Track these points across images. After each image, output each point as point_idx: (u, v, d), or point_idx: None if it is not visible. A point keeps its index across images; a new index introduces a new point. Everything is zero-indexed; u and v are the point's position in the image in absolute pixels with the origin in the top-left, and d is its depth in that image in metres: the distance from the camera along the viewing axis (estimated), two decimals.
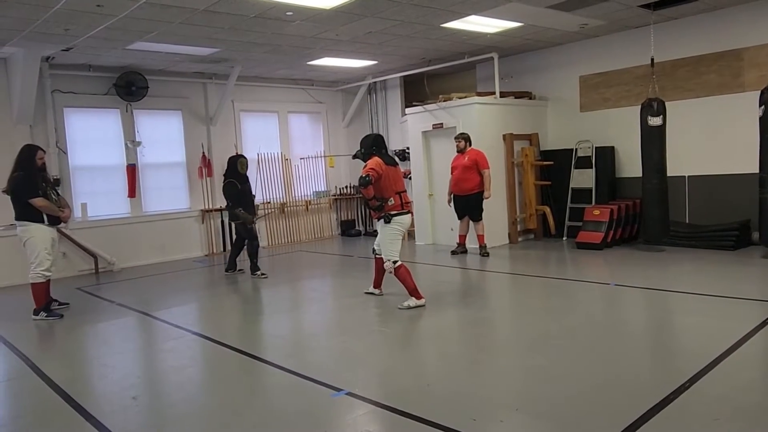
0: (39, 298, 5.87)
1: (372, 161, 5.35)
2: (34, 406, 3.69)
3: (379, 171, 5.27)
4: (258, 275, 7.44)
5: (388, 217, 5.34)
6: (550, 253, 8.20)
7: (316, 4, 6.14)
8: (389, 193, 5.36)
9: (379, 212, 5.38)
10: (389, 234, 5.40)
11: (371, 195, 5.29)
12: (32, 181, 5.74)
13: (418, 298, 5.41)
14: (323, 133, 11.68)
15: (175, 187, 9.78)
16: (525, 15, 7.14)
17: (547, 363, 3.85)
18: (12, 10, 5.75)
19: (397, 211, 5.39)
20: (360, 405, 3.35)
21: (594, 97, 8.95)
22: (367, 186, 5.21)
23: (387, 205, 5.35)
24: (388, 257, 5.42)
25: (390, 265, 5.41)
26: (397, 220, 5.37)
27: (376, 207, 5.36)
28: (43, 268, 5.80)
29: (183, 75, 9.63)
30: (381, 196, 5.33)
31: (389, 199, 5.36)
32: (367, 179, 5.18)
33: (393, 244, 5.41)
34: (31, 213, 5.72)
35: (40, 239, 5.78)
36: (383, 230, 5.43)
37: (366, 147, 5.52)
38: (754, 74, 7.31)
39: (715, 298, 5.20)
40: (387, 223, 5.35)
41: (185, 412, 3.48)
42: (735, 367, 3.57)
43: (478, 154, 7.93)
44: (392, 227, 5.37)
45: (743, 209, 7.40)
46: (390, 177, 5.37)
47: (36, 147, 5.98)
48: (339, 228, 11.76)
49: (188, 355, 4.60)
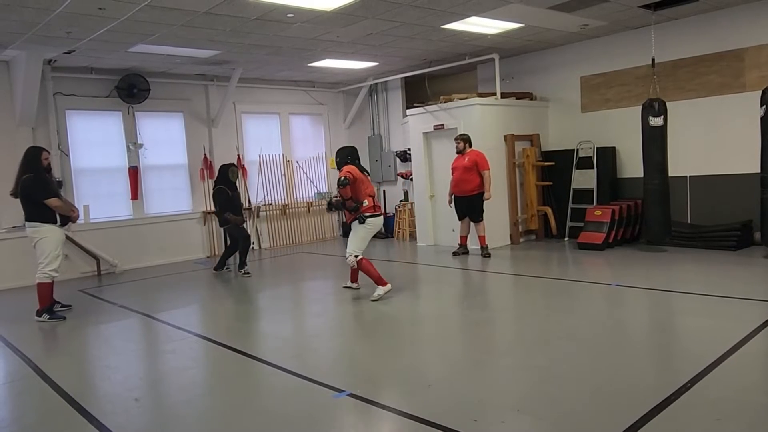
0: (44, 299, 5.88)
1: (346, 167, 6.01)
2: (37, 407, 3.70)
3: (354, 175, 5.90)
4: (243, 273, 7.78)
5: (363, 217, 5.93)
6: (552, 253, 8.20)
7: (317, 6, 6.15)
8: (363, 195, 5.96)
9: (355, 213, 5.96)
10: (361, 232, 5.97)
11: (349, 195, 5.90)
12: (45, 181, 5.76)
13: (384, 285, 5.89)
14: (324, 134, 11.70)
15: (177, 189, 9.80)
16: (526, 16, 7.14)
17: (549, 364, 3.85)
18: (14, 14, 5.77)
19: (370, 213, 5.98)
20: (362, 406, 3.36)
21: (595, 97, 8.95)
22: (345, 186, 5.83)
23: (362, 206, 5.94)
24: (352, 252, 5.99)
25: (352, 259, 6.00)
26: (370, 221, 5.97)
27: (352, 208, 5.96)
28: (52, 268, 5.81)
29: (184, 77, 9.65)
30: (357, 198, 5.93)
31: (363, 201, 5.94)
32: (345, 180, 5.83)
33: (361, 241, 6.00)
34: (44, 214, 5.72)
35: (52, 240, 5.79)
36: (356, 229, 5.98)
37: (342, 157, 6.19)
38: (755, 74, 7.31)
39: (716, 298, 5.20)
40: (361, 223, 5.93)
41: (187, 413, 3.49)
42: (737, 368, 3.56)
43: (478, 155, 7.93)
44: (365, 227, 5.95)
45: (745, 209, 7.39)
46: (363, 182, 6.01)
47: (41, 148, 5.99)
48: (340, 229, 11.76)
49: (190, 356, 4.61)
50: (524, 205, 9.11)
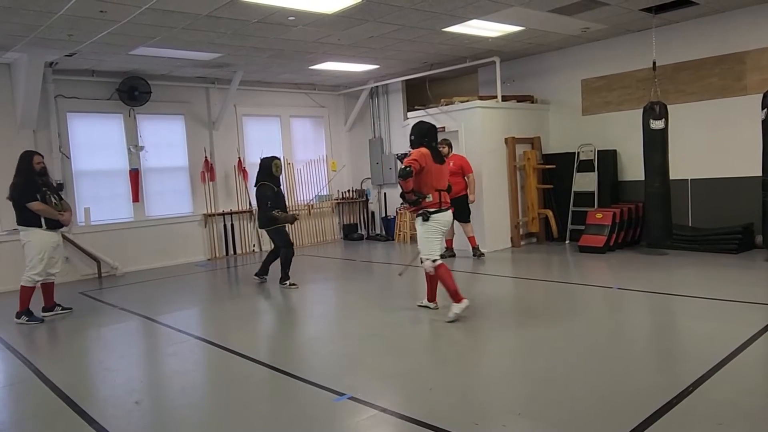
0: (24, 301, 5.93)
1: (417, 152, 4.99)
2: (37, 410, 3.70)
3: (421, 163, 4.91)
4: (287, 285, 7.00)
5: (426, 214, 4.99)
6: (553, 256, 8.19)
7: (318, 8, 6.16)
8: (428, 189, 4.99)
9: (416, 207, 5.04)
10: (428, 232, 5.05)
11: (410, 188, 4.92)
12: (29, 185, 5.82)
13: (460, 301, 5.01)
14: (325, 137, 11.70)
15: (178, 192, 9.80)
16: (527, 19, 7.15)
17: (550, 367, 3.84)
18: (16, 16, 5.78)
19: (435, 208, 5.02)
20: (362, 409, 3.35)
21: (596, 100, 8.95)
22: (407, 178, 4.84)
23: (424, 201, 4.99)
24: (426, 256, 5.07)
25: (430, 264, 5.05)
26: (435, 218, 5.02)
27: (412, 201, 4.99)
28: (35, 272, 5.87)
29: (185, 80, 9.66)
30: (419, 191, 4.97)
31: (427, 196, 4.99)
32: (408, 171, 4.81)
33: (431, 242, 5.07)
34: (30, 218, 5.80)
35: (37, 244, 5.85)
36: (421, 228, 5.08)
37: (417, 135, 5.13)
38: (756, 77, 7.31)
39: (718, 301, 5.19)
40: (425, 220, 5.01)
41: (188, 416, 3.48)
42: (739, 371, 3.56)
43: (463, 159, 8.01)
44: (431, 225, 5.02)
45: (746, 212, 7.38)
46: (432, 173, 5.00)
47: (33, 152, 6.05)
48: (341, 232, 11.76)
49: (191, 359, 4.60)
50: (525, 208, 9.11)
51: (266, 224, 7.03)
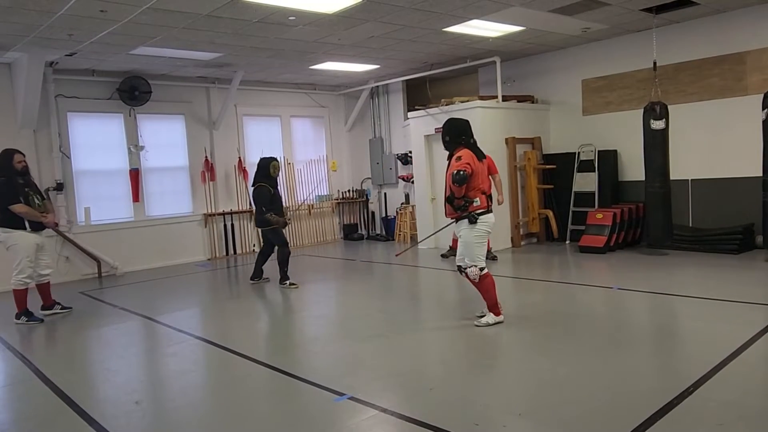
0: (20, 303, 5.91)
1: (465, 154, 4.62)
2: (37, 410, 3.69)
3: (472, 166, 4.57)
4: (287, 285, 7.02)
5: (474, 217, 4.60)
6: (553, 256, 8.19)
7: (318, 8, 6.16)
8: (476, 192, 4.64)
9: (462, 211, 4.65)
10: (475, 236, 4.67)
11: (462, 194, 4.57)
12: (11, 186, 5.71)
13: (497, 314, 4.78)
14: (326, 137, 11.70)
15: (178, 192, 9.80)
16: (527, 19, 7.15)
17: (551, 368, 3.83)
18: (16, 16, 5.78)
19: (482, 210, 4.67)
20: (362, 409, 3.35)
21: (596, 100, 8.95)
22: (463, 184, 4.49)
23: (472, 205, 4.64)
24: (474, 262, 4.68)
25: (476, 271, 4.66)
26: (483, 220, 4.65)
27: (460, 206, 4.62)
28: (24, 275, 5.84)
29: (186, 79, 9.66)
30: (468, 196, 4.62)
31: (474, 200, 4.63)
32: (463, 175, 4.44)
33: (479, 247, 4.70)
34: (13, 219, 5.72)
35: (23, 246, 5.79)
36: (468, 232, 4.68)
37: (452, 135, 4.75)
38: (756, 78, 7.31)
39: (718, 302, 5.19)
40: (472, 223, 4.61)
41: (188, 416, 3.48)
42: (739, 372, 3.55)
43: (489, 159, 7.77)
44: (479, 228, 4.65)
45: (747, 213, 7.38)
46: (479, 174, 4.65)
47: (13, 150, 5.90)
48: (341, 232, 11.76)
49: (191, 359, 4.60)
50: (525, 208, 9.11)
51: (262, 224, 7.10)
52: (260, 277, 7.47)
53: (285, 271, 7.10)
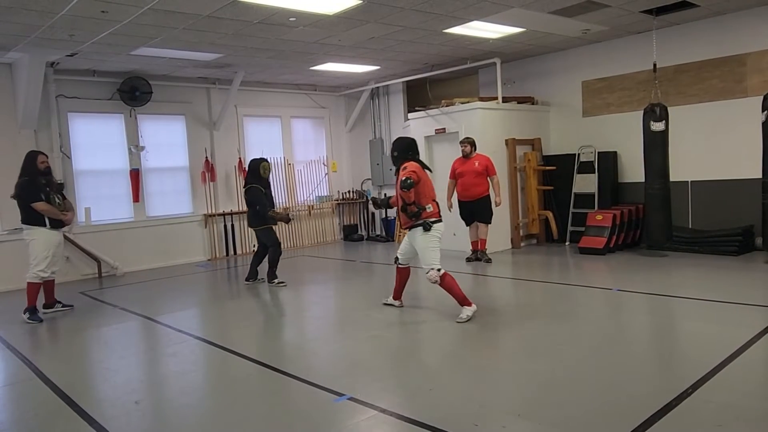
0: (31, 298, 6.02)
1: (411, 164, 5.17)
2: (37, 410, 3.70)
3: (419, 175, 5.09)
4: (275, 283, 7.17)
5: (428, 224, 5.08)
6: (553, 258, 8.19)
7: (319, 9, 6.17)
8: (426, 200, 5.13)
9: (416, 219, 5.11)
10: (430, 242, 5.11)
11: (412, 199, 5.04)
12: (35, 185, 5.94)
13: (469, 305, 5.12)
14: (326, 138, 11.71)
15: (179, 192, 9.81)
16: (527, 20, 7.16)
17: (550, 368, 3.84)
18: (18, 16, 5.79)
19: (435, 218, 5.16)
20: (362, 410, 3.35)
21: (596, 102, 8.96)
22: (411, 189, 4.96)
23: (425, 212, 5.11)
24: (431, 265, 5.10)
25: (435, 274, 5.07)
26: (436, 227, 5.15)
27: (414, 213, 5.07)
28: (40, 268, 5.98)
29: (186, 80, 9.67)
30: (419, 202, 5.10)
31: (427, 206, 5.12)
32: (411, 182, 4.95)
33: (434, 251, 5.13)
34: (34, 217, 5.93)
35: (41, 242, 5.98)
36: (423, 239, 5.12)
37: (400, 150, 5.33)
38: (756, 79, 7.31)
39: (718, 303, 5.20)
40: (426, 230, 5.08)
41: (187, 416, 3.49)
42: (738, 373, 3.56)
43: (488, 159, 7.79)
44: (432, 235, 5.10)
45: (746, 214, 7.39)
46: (427, 183, 5.21)
47: (37, 152, 6.20)
48: (341, 233, 11.77)
49: (191, 359, 4.60)
50: (525, 210, 9.11)
51: (256, 224, 7.17)
52: (255, 278, 7.48)
53: (274, 270, 7.23)
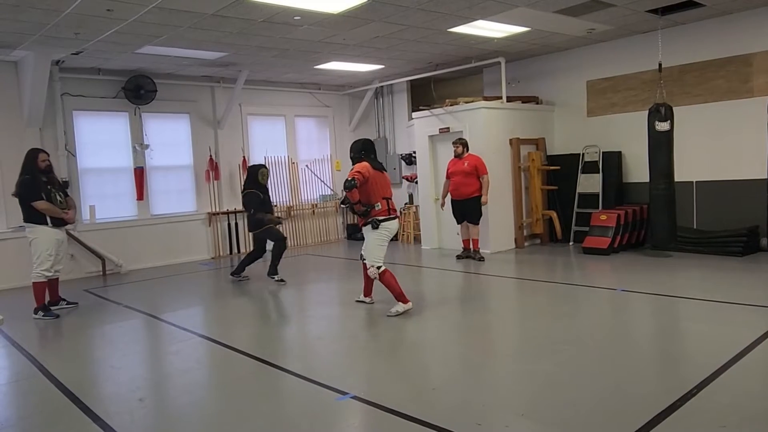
0: (39, 297, 6.04)
1: (359, 165, 5.30)
2: (41, 407, 3.71)
3: (365, 175, 5.19)
4: (276, 279, 7.26)
5: (376, 222, 5.27)
6: (557, 258, 8.18)
7: (323, 8, 6.17)
8: (376, 198, 5.29)
9: (365, 218, 5.30)
10: (376, 239, 5.33)
11: (356, 199, 5.20)
12: (35, 184, 5.91)
13: (405, 302, 5.37)
14: (330, 136, 11.72)
15: (183, 190, 9.83)
16: (532, 20, 7.14)
17: (553, 368, 3.83)
18: (23, 14, 5.81)
19: (384, 216, 5.32)
20: (365, 409, 3.35)
21: (601, 102, 8.94)
22: (351, 189, 5.11)
23: (374, 210, 5.29)
24: (372, 262, 5.36)
25: (374, 271, 5.35)
26: (384, 226, 5.31)
27: (361, 212, 5.27)
28: (44, 268, 5.98)
29: (191, 79, 9.69)
30: (367, 201, 5.26)
31: (376, 204, 5.29)
32: (352, 182, 5.09)
33: (379, 249, 5.37)
34: (35, 215, 5.92)
35: (43, 241, 5.96)
36: (369, 235, 5.34)
37: (355, 151, 5.51)
38: (762, 80, 7.28)
39: (722, 304, 5.18)
40: (374, 228, 5.28)
41: (191, 414, 3.50)
42: (743, 374, 3.55)
43: (478, 159, 7.94)
44: (379, 232, 5.31)
45: (751, 215, 7.36)
46: (377, 182, 5.32)
47: (38, 150, 6.15)
48: (345, 232, 11.77)
49: (194, 357, 4.62)
50: (529, 209, 9.10)
51: (255, 227, 7.31)
52: (240, 274, 7.63)
53: (276, 264, 7.30)
